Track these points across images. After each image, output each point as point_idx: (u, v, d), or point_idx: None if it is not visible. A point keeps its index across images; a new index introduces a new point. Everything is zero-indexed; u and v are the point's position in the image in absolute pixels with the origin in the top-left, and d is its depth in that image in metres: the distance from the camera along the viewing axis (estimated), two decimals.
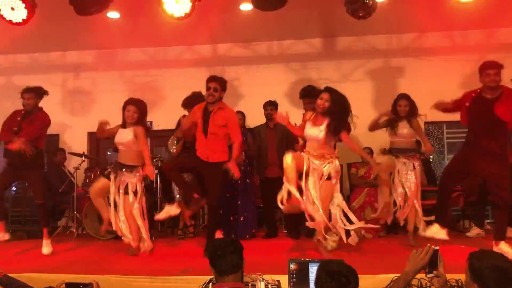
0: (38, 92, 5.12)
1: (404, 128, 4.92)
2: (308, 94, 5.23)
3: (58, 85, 8.07)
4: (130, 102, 4.83)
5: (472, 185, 5.79)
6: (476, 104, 4.38)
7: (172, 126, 6.31)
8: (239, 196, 5.69)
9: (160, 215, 4.97)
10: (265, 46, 7.64)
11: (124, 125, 4.82)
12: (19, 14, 4.77)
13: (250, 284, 2.66)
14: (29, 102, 5.04)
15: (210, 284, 2.70)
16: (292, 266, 2.84)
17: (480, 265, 1.99)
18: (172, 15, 4.83)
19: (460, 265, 2.33)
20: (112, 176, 4.74)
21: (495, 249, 4.17)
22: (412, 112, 4.93)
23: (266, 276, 2.85)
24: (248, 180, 5.76)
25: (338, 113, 4.24)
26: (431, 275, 2.26)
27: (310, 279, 2.76)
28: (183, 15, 4.81)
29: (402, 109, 4.93)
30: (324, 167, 4.21)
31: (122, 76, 7.93)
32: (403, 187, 4.86)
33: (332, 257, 4.16)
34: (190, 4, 4.76)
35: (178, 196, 6.13)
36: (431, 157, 7.30)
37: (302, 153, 4.33)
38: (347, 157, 6.94)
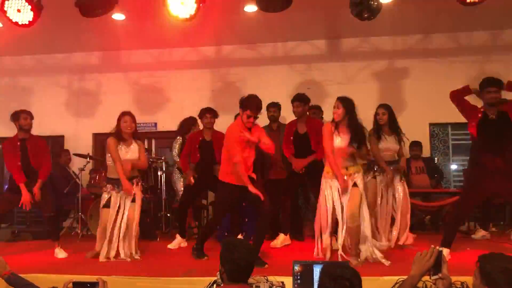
0: (31, 114, 5.09)
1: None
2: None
3: (63, 86, 8.12)
4: (125, 113, 4.85)
5: None
6: (482, 125, 4.25)
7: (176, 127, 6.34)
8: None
9: (171, 245, 5.32)
10: (269, 48, 7.65)
11: (123, 138, 4.77)
12: (25, 16, 4.79)
13: (254, 286, 2.65)
14: (27, 122, 4.99)
15: (215, 285, 2.70)
16: (297, 268, 2.84)
17: (491, 268, 1.98)
18: (177, 16, 4.83)
19: (465, 267, 2.33)
20: (114, 192, 4.71)
21: None
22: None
23: (270, 278, 2.84)
24: None
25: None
26: (436, 277, 2.25)
27: (314, 280, 2.76)
28: (188, 16, 4.81)
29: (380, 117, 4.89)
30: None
31: (127, 77, 7.96)
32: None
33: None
34: (195, 5, 4.76)
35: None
36: (435, 158, 7.28)
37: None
38: None
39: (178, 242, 5.38)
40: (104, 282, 2.56)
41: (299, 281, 2.82)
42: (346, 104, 4.31)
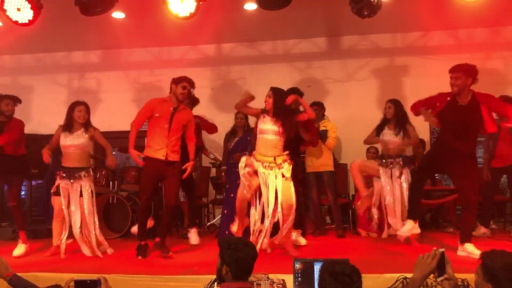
0: (15, 99, 5.19)
1: None
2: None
3: (63, 85, 8.11)
4: (80, 102, 4.95)
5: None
6: (451, 109, 4.40)
7: None
8: None
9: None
10: (269, 46, 7.64)
11: (69, 128, 4.84)
12: (25, 14, 4.80)
13: (255, 284, 2.65)
14: (8, 108, 5.07)
15: (215, 283, 2.71)
16: (297, 266, 2.84)
17: (494, 265, 1.98)
18: (177, 15, 4.83)
19: (465, 265, 2.33)
20: (64, 182, 4.76)
21: (460, 250, 4.24)
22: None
23: (271, 276, 2.85)
24: None
25: None
26: (442, 278, 2.24)
27: (315, 278, 2.76)
28: (187, 14, 4.81)
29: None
30: None
31: (127, 76, 7.96)
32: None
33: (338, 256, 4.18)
34: (195, 3, 4.76)
35: (181, 195, 6.16)
36: None
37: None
38: (352, 157, 6.94)
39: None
40: (105, 279, 2.57)
41: (299, 278, 2.83)
42: (276, 94, 4.56)
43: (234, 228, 4.71)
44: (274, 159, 4.36)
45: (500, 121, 5.55)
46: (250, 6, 5.93)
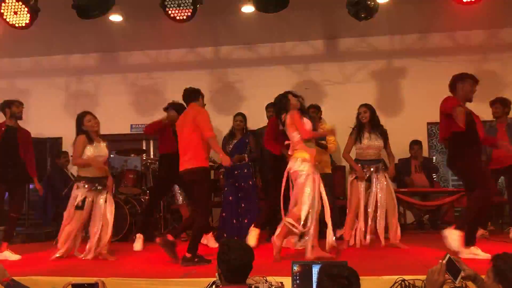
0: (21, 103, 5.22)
1: None
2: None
3: (61, 88, 8.11)
4: (86, 112, 4.99)
5: None
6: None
7: None
8: (243, 199, 5.69)
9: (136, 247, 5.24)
10: (267, 48, 7.66)
11: (91, 138, 4.78)
12: (22, 18, 4.78)
13: (253, 286, 2.65)
14: (19, 109, 5.08)
15: (214, 286, 2.70)
16: (296, 268, 2.84)
17: (505, 267, 2.03)
18: (174, 18, 4.83)
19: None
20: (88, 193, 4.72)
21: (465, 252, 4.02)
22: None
23: (269, 278, 2.84)
24: (251, 182, 5.76)
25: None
26: (459, 279, 2.22)
27: (313, 281, 2.76)
28: (185, 17, 4.82)
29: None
30: None
31: (125, 79, 7.95)
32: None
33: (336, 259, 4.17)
34: (192, 7, 4.77)
35: (181, 198, 6.15)
36: (434, 157, 7.29)
37: None
38: None
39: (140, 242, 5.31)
40: (103, 283, 2.55)
41: (298, 281, 2.82)
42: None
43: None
44: None
45: (496, 122, 5.58)
46: (248, 9, 5.94)
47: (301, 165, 4.24)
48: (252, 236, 4.96)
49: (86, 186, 4.69)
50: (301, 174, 4.22)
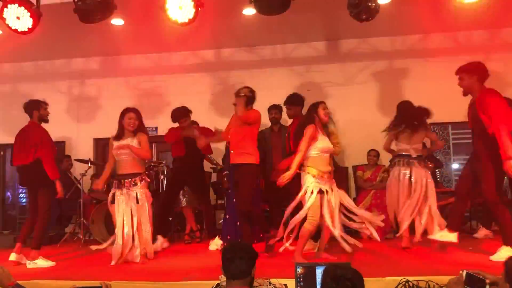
0: None
1: None
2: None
3: (63, 92, 8.13)
4: (129, 110, 4.91)
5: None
6: (469, 108, 4.44)
7: None
8: None
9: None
10: (268, 50, 7.66)
11: (120, 136, 4.83)
12: (25, 23, 4.80)
13: None
14: (46, 112, 5.10)
15: None
16: (299, 270, 2.83)
17: None
18: (176, 21, 4.84)
19: (467, 267, 2.33)
20: (118, 191, 4.74)
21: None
22: None
23: (273, 280, 2.84)
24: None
25: None
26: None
27: (317, 282, 2.75)
28: (186, 20, 4.82)
29: None
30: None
31: (127, 82, 7.98)
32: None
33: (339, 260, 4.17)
34: (194, 9, 4.78)
35: (184, 200, 6.16)
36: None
37: None
38: (353, 160, 6.95)
39: (160, 243, 5.34)
40: (107, 285, 2.56)
41: (301, 283, 2.82)
42: None
43: None
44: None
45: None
46: (249, 11, 5.94)
47: (306, 182, 4.35)
48: None
49: (118, 183, 4.84)
50: (306, 191, 4.33)
